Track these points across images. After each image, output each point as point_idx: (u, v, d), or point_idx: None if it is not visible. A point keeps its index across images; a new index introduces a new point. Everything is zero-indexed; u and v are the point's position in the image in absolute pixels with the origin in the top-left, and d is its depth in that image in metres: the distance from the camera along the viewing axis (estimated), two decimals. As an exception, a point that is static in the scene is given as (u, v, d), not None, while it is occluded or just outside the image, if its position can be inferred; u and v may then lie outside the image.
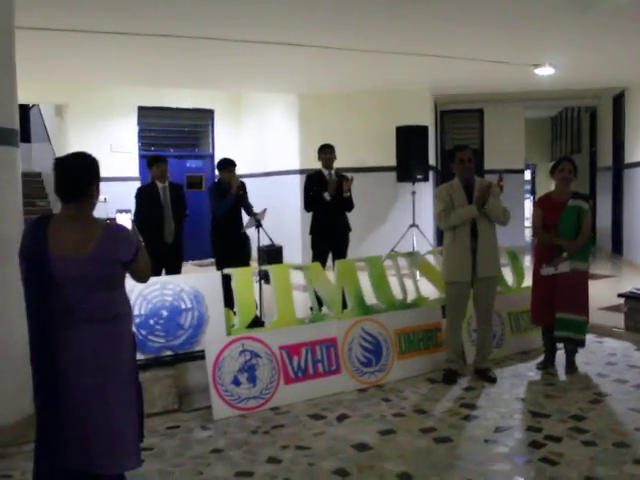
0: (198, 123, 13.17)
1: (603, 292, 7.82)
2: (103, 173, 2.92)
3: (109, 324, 2.75)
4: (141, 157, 11.97)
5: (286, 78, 10.60)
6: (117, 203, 7.02)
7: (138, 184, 11.33)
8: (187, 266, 7.66)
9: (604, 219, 14.20)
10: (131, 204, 7.05)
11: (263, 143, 12.80)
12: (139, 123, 12.17)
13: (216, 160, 12.53)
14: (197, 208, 10.43)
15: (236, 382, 4.54)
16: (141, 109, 12.16)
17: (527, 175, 21.54)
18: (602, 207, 14.31)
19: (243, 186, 7.09)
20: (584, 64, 9.76)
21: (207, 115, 13.08)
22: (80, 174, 2.78)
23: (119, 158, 11.68)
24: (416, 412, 4.55)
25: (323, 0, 6.34)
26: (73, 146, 3.62)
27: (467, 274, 5.13)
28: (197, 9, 6.54)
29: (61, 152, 2.53)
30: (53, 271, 2.66)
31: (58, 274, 2.66)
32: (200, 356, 4.60)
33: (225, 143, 12.99)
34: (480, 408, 4.60)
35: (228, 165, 7.06)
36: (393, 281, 5.81)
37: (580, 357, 5.58)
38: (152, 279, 3.99)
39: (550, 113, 19.74)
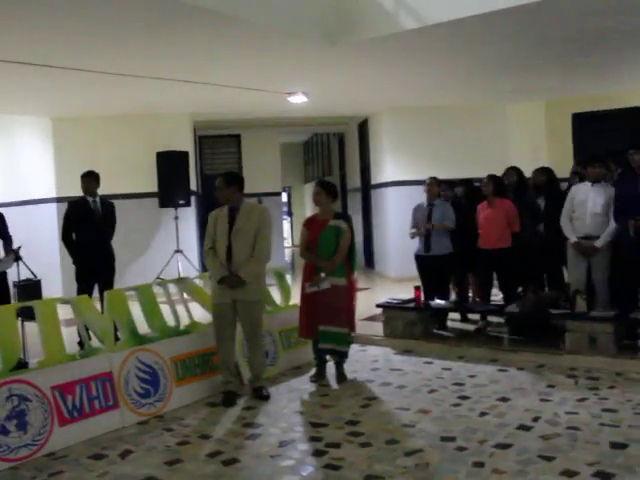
0: None
1: (361, 303, 8.39)
2: None
3: None
4: None
5: (36, 100, 9.97)
6: None
7: None
8: None
9: (356, 236, 15.26)
10: None
11: (15, 169, 11.89)
12: None
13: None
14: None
15: (4, 431, 4.16)
16: None
17: (284, 197, 22.46)
18: (354, 225, 15.38)
19: None
20: (332, 94, 10.50)
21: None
22: None
23: None
24: (200, 438, 4.54)
25: (73, 20, 6.08)
26: None
27: (226, 296, 5.26)
28: None
29: None
30: None
31: None
32: (-41, 406, 4.15)
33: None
34: (262, 426, 4.71)
35: None
36: (165, 308, 5.76)
37: (348, 366, 5.96)
38: None
39: (303, 137, 20.85)
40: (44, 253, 10.33)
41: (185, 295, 6.15)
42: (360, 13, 7.00)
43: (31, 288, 8.42)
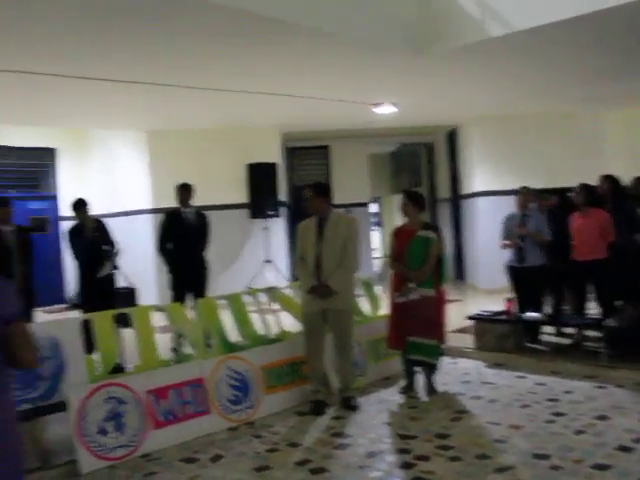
0: (39, 162, 12.56)
1: (452, 315, 8.26)
2: None
3: None
4: (-23, 200, 11.21)
5: (133, 115, 10.39)
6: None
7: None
8: (36, 313, 7.26)
9: (446, 247, 15.08)
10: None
11: (113, 182, 12.40)
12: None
13: (61, 201, 12.10)
14: (43, 252, 9.91)
15: (102, 431, 4.34)
16: (-24, 148, 11.43)
17: (375, 208, 22.46)
18: (443, 236, 15.19)
19: (99, 225, 6.86)
20: (420, 103, 10.41)
21: (49, 154, 12.51)
22: None
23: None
24: (289, 445, 4.57)
25: (163, 39, 6.30)
26: None
27: (316, 305, 5.29)
28: (34, 45, 6.29)
29: None
30: None
31: None
32: (62, 407, 4.35)
33: (71, 183, 12.45)
34: (351, 436, 4.70)
35: (80, 205, 6.82)
36: (255, 317, 5.84)
37: (438, 378, 5.87)
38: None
39: (391, 148, 20.77)
40: (140, 262, 10.71)
41: (275, 304, 6.23)
42: (446, 22, 6.91)
43: (128, 296, 8.79)
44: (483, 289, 11.61)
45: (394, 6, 6.82)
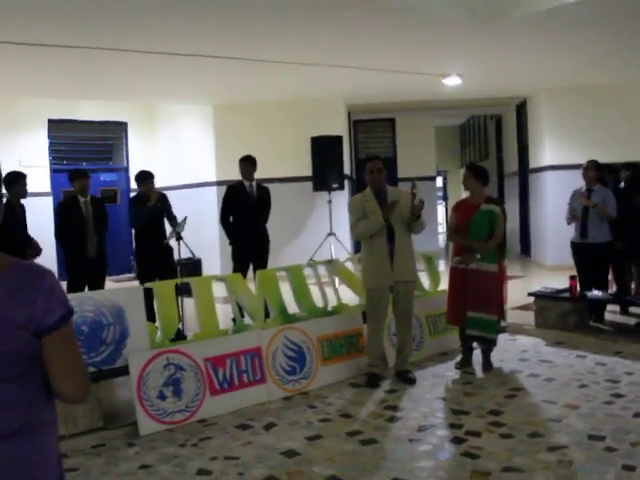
0: (111, 136, 12.93)
1: (514, 292, 8.12)
2: None
3: (7, 443, 1.55)
4: (53, 172, 11.66)
5: (199, 89, 10.57)
6: (30, 219, 6.79)
7: (50, 199, 11.08)
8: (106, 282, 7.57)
9: (512, 222, 14.79)
10: (45, 220, 6.89)
11: (179, 155, 12.67)
12: (49, 136, 11.82)
13: (131, 173, 12.42)
14: (112, 222, 10.22)
15: (161, 396, 4.51)
16: (51, 122, 11.82)
17: (439, 182, 22.19)
18: (510, 210, 14.81)
19: (163, 198, 7.05)
20: (488, 74, 10.19)
21: (120, 127, 12.85)
22: None
23: (29, 173, 11.32)
24: (342, 416, 4.64)
25: (233, 12, 6.38)
26: None
27: (387, 279, 5.27)
28: (108, 20, 6.47)
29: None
30: None
31: None
32: (124, 371, 4.54)
33: (140, 156, 12.78)
34: (403, 409, 4.73)
35: (146, 177, 7.01)
36: (314, 289, 5.91)
37: (495, 355, 5.82)
38: (70, 295, 3.89)
39: (459, 121, 20.46)
40: (205, 234, 10.96)
41: (334, 277, 6.29)
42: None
43: (192, 266, 9.01)
44: (549, 265, 11.38)
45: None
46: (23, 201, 6.56)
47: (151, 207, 6.82)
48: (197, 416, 4.63)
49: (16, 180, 6.38)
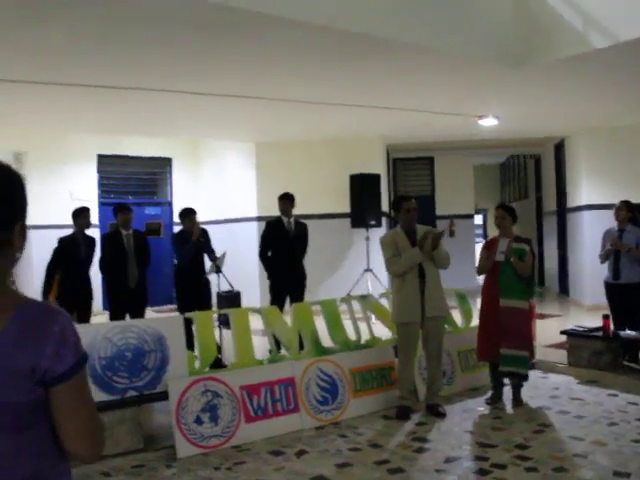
0: (156, 171, 13.41)
1: (550, 331, 8.20)
2: (62, 220, 2.12)
3: None
4: (101, 205, 12.13)
5: (243, 127, 10.96)
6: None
7: (97, 232, 11.52)
8: (146, 312, 7.86)
9: (550, 261, 14.81)
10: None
11: (221, 190, 13.06)
12: (99, 171, 12.34)
13: (174, 207, 12.86)
14: (156, 255, 10.58)
15: (199, 421, 4.72)
16: (101, 157, 12.36)
17: (479, 220, 22.23)
18: (549, 250, 14.94)
19: (204, 233, 7.35)
20: (525, 115, 10.35)
21: (165, 163, 13.33)
22: (2, 202, 1.46)
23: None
24: (371, 446, 4.79)
25: (279, 55, 6.70)
26: (33, 193, 3.74)
27: (417, 314, 5.43)
28: (157, 63, 6.85)
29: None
30: None
31: None
32: (164, 396, 4.77)
33: (183, 190, 13.23)
34: (431, 441, 4.86)
35: (189, 213, 7.33)
36: (348, 324, 6.09)
37: (526, 392, 5.90)
38: (114, 323, 4.11)
39: (499, 160, 20.54)
40: (245, 267, 11.23)
41: (368, 312, 6.47)
42: (546, 35, 6.91)
43: (232, 299, 9.24)
44: (587, 305, 11.33)
45: (490, 20, 6.91)
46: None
47: (194, 242, 7.12)
48: (232, 441, 4.82)
49: (79, 213, 6.92)
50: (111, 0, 5.00)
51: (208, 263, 7.37)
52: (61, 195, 11.43)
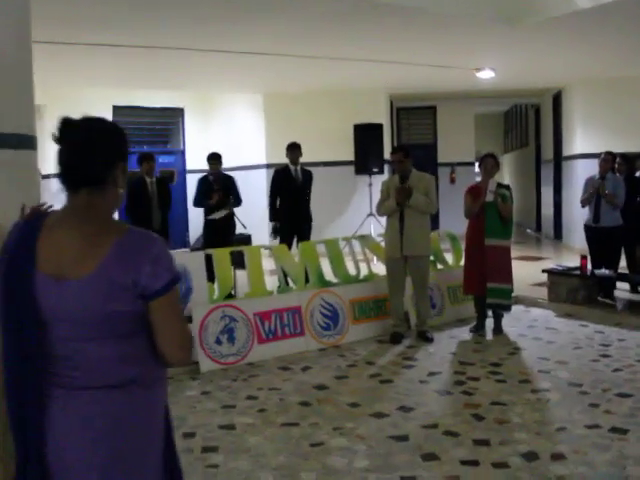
0: (169, 121, 14.00)
1: (538, 272, 8.84)
2: None
3: (123, 391, 1.75)
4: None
5: (252, 80, 11.53)
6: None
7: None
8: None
9: (547, 208, 15.45)
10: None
11: (231, 139, 13.67)
12: (114, 121, 12.90)
13: (187, 155, 13.53)
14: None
15: (218, 341, 5.50)
16: (116, 108, 12.91)
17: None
18: (546, 196, 15.56)
19: (231, 180, 8.14)
20: (521, 68, 10.87)
21: (178, 113, 13.91)
22: (100, 147, 1.76)
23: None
24: (366, 364, 5.57)
25: (284, 13, 7.25)
26: (52, 145, 4.25)
27: (397, 251, 6.18)
28: (173, 24, 7.42)
29: (41, 153, 2.65)
30: (38, 300, 1.70)
31: (43, 305, 1.70)
32: (188, 320, 5.51)
33: (195, 140, 13.84)
34: (418, 360, 5.64)
35: (214, 158, 8.13)
36: (350, 262, 6.83)
37: (507, 323, 6.64)
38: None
39: (503, 108, 20.94)
40: (255, 212, 11.92)
41: (366, 250, 7.19)
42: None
43: (243, 241, 9.98)
44: (577, 249, 11.99)
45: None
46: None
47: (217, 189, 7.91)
48: (247, 359, 5.61)
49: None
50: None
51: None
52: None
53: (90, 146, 1.75)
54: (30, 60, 5.05)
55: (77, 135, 1.75)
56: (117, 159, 1.79)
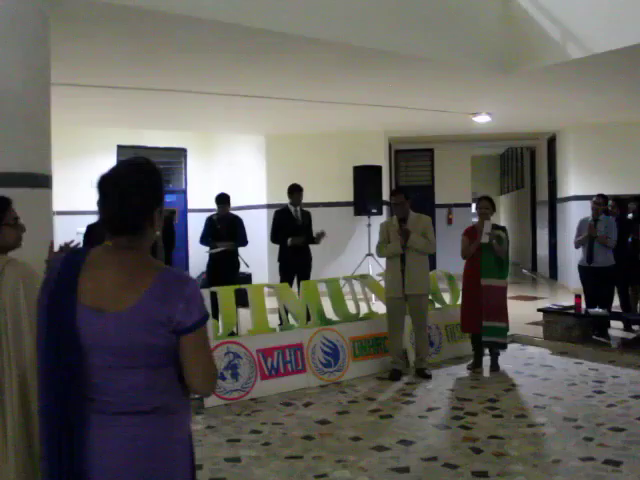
0: (172, 160, 14.28)
1: (534, 310, 9.03)
2: (85, 207, 2.33)
3: (146, 418, 1.85)
4: (121, 192, 12.99)
5: (254, 122, 11.84)
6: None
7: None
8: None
9: (542, 248, 15.69)
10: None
11: (233, 179, 13.93)
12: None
13: (189, 195, 13.79)
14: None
15: (222, 377, 5.63)
16: (120, 147, 13.20)
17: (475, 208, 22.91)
18: (541, 237, 15.82)
19: (238, 221, 8.34)
20: (516, 113, 11.21)
21: (180, 153, 14.20)
22: (140, 194, 1.89)
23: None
24: (366, 399, 5.71)
25: (287, 58, 7.53)
26: (55, 181, 4.46)
27: (398, 291, 6.37)
28: (173, 66, 7.66)
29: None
30: (79, 329, 1.83)
31: (83, 334, 1.83)
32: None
33: (197, 179, 14.11)
34: (417, 396, 5.78)
35: (223, 199, 8.33)
36: (350, 304, 7.00)
37: (504, 360, 6.80)
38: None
39: (499, 150, 21.35)
40: (255, 251, 12.11)
41: (366, 289, 7.37)
42: (529, 45, 7.69)
43: (245, 279, 10.16)
44: (572, 288, 12.19)
45: (478, 31, 7.75)
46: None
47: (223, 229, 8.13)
48: (250, 395, 5.74)
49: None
50: (143, 17, 5.84)
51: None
52: (83, 183, 12.30)
53: (128, 200, 1.87)
54: (49, 105, 5.33)
55: (116, 189, 1.88)
56: (154, 205, 1.94)
